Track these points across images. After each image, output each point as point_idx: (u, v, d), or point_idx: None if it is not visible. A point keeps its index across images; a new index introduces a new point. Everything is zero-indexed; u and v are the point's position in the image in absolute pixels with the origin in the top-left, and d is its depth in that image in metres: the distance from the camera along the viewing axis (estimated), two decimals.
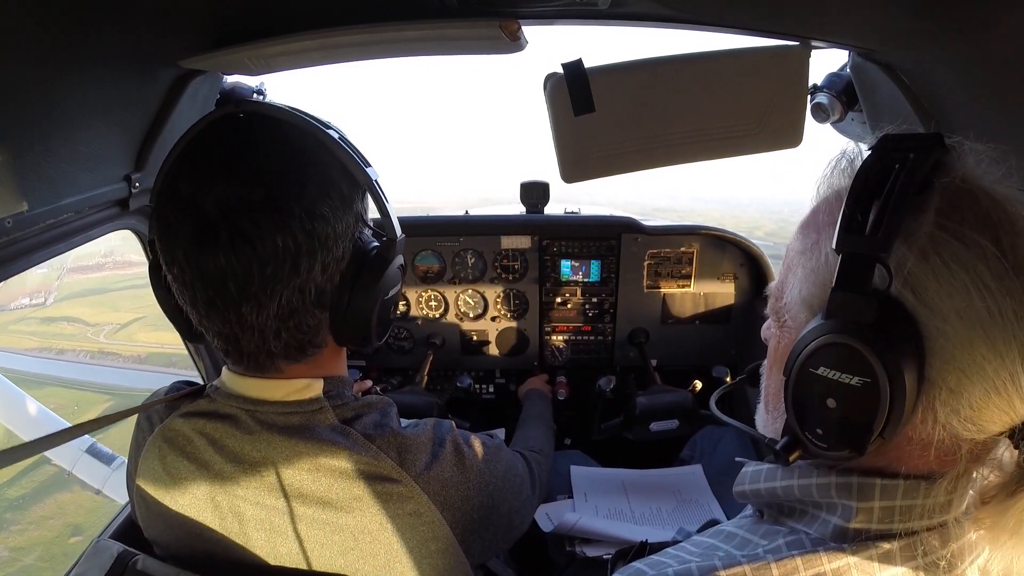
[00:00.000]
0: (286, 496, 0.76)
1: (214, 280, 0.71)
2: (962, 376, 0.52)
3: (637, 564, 0.65)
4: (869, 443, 0.53)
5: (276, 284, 0.72)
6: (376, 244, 0.82)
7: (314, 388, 0.82)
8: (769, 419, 0.70)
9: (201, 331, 0.79)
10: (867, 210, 0.53)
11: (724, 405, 0.82)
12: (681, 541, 0.70)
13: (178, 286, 0.75)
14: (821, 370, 0.54)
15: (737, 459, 0.78)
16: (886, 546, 0.56)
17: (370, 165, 0.79)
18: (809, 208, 0.67)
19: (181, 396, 0.86)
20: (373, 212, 0.86)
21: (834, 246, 0.54)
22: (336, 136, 0.77)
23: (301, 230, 0.71)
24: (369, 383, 1.89)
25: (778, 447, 0.61)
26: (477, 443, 0.92)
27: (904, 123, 1.08)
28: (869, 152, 0.57)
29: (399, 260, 0.84)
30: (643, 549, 0.94)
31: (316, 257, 0.73)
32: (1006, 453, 0.57)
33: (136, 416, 0.89)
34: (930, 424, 0.54)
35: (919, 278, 0.52)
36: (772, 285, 0.71)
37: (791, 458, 0.60)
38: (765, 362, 0.74)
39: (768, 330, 0.73)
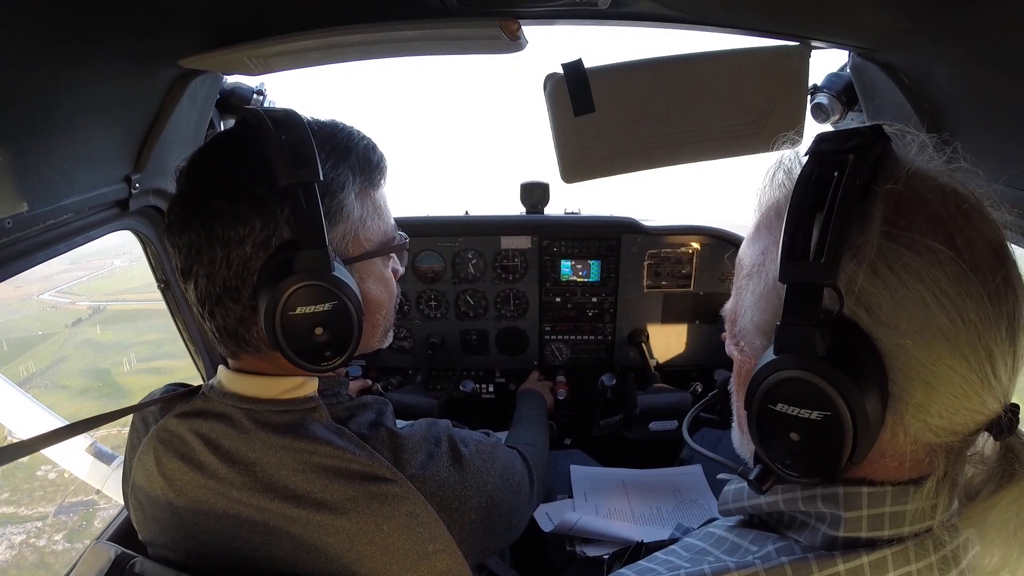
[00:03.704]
0: (281, 497, 0.76)
1: (174, 259, 0.80)
2: (929, 389, 0.50)
3: (626, 572, 0.64)
4: (839, 470, 0.51)
5: (192, 267, 0.77)
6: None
7: (309, 387, 0.82)
8: (744, 439, 0.67)
9: None
10: (808, 229, 0.50)
11: (721, 412, 0.80)
12: (679, 538, 0.70)
13: None
14: (780, 406, 0.52)
15: (719, 476, 0.76)
16: (878, 553, 0.55)
17: (306, 166, 0.72)
18: (752, 220, 0.64)
19: (176, 396, 0.85)
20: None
21: (778, 275, 0.51)
22: (282, 136, 0.72)
23: (201, 226, 0.75)
24: (368, 382, 1.89)
25: (752, 476, 0.59)
26: (474, 442, 0.91)
27: (904, 124, 1.08)
28: (806, 158, 0.54)
29: (319, 277, 0.72)
30: (639, 550, 0.94)
31: (217, 251, 0.75)
32: (987, 445, 0.56)
33: (131, 418, 0.89)
34: (901, 437, 0.53)
35: (872, 295, 0.50)
36: (727, 306, 0.68)
37: (764, 488, 0.58)
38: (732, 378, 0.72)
39: (731, 348, 0.70)
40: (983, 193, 0.54)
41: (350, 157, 0.82)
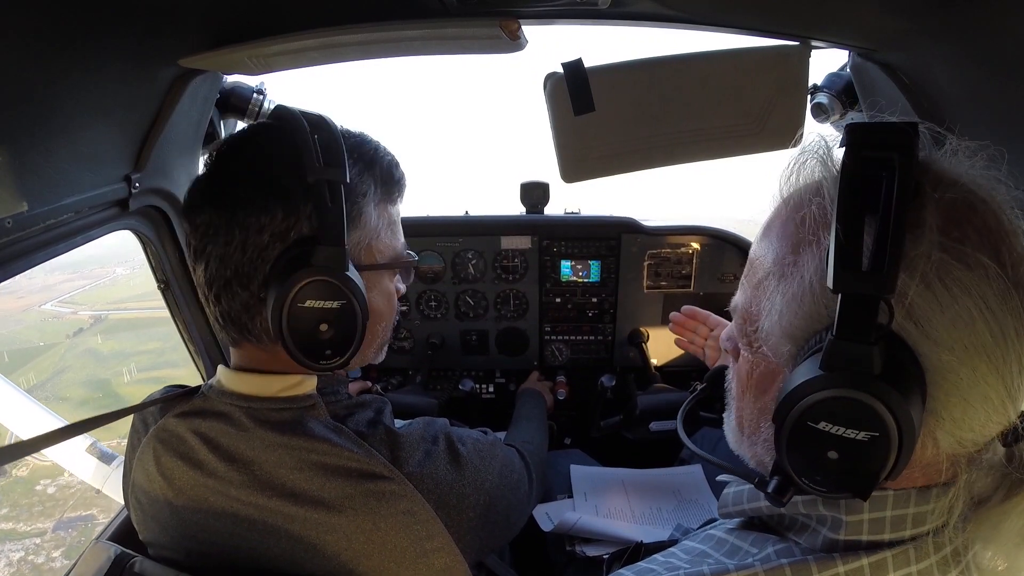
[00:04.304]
0: (279, 496, 0.76)
1: (188, 237, 0.82)
2: (965, 405, 0.49)
3: (625, 573, 0.64)
4: (875, 487, 0.50)
5: (207, 247, 0.78)
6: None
7: (307, 384, 0.82)
8: (746, 442, 0.65)
9: None
10: (860, 234, 0.47)
11: (713, 408, 0.78)
12: (679, 539, 0.70)
13: None
14: (822, 425, 0.48)
15: (719, 478, 0.75)
16: (878, 555, 0.55)
17: (336, 166, 0.74)
18: (773, 211, 0.61)
19: (175, 397, 0.86)
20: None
21: (831, 285, 0.47)
22: (315, 135, 0.74)
23: (223, 207, 0.76)
24: (368, 383, 1.89)
25: (769, 489, 0.56)
26: (471, 440, 0.91)
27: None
28: (843, 151, 0.50)
29: (334, 274, 0.73)
30: (638, 551, 0.93)
31: (235, 235, 0.76)
32: (993, 449, 0.55)
33: (131, 419, 0.89)
34: (930, 449, 0.52)
35: (923, 309, 0.48)
36: (737, 301, 0.64)
37: (785, 500, 0.56)
38: (729, 371, 0.69)
39: (729, 341, 0.68)
40: (1005, 200, 0.53)
41: (375, 168, 0.85)
